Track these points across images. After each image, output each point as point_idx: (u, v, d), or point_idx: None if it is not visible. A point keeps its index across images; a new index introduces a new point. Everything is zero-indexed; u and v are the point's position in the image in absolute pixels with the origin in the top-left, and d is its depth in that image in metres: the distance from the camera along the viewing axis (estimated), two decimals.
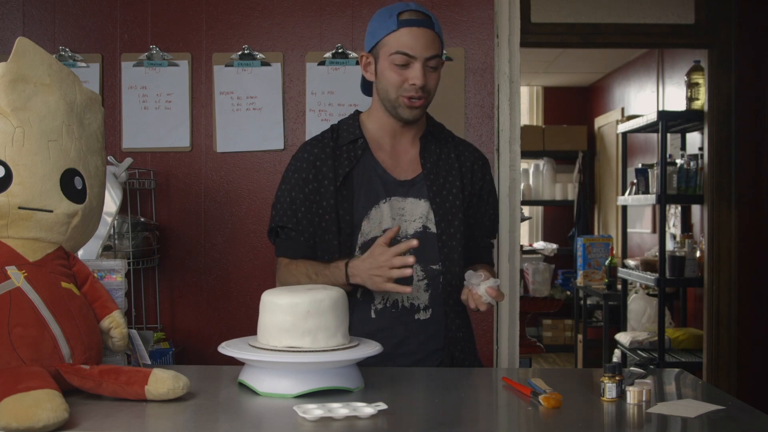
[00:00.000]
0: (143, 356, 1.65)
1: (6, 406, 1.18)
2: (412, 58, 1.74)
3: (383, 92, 1.81)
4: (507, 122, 2.88)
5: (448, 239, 1.83)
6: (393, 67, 1.76)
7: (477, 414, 1.40)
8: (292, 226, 1.85)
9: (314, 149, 1.86)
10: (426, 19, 1.76)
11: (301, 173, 1.85)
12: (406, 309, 1.81)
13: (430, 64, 1.76)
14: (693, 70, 4.35)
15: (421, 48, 1.74)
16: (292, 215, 1.85)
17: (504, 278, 2.86)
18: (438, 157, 1.88)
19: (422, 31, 1.74)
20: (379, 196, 1.82)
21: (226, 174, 2.89)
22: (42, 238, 1.50)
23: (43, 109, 1.49)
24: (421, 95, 1.77)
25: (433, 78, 1.79)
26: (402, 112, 1.80)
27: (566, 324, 6.86)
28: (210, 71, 2.87)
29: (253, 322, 1.53)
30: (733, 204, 4.00)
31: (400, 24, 1.74)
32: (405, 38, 1.74)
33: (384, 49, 1.77)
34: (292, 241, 1.86)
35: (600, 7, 3.92)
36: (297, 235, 1.85)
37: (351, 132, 1.87)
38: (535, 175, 7.03)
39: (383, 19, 1.78)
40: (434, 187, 1.84)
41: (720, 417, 1.32)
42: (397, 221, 1.81)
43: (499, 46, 2.88)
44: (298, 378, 1.41)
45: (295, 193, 1.85)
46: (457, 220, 1.84)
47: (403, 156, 1.88)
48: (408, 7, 1.78)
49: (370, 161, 1.85)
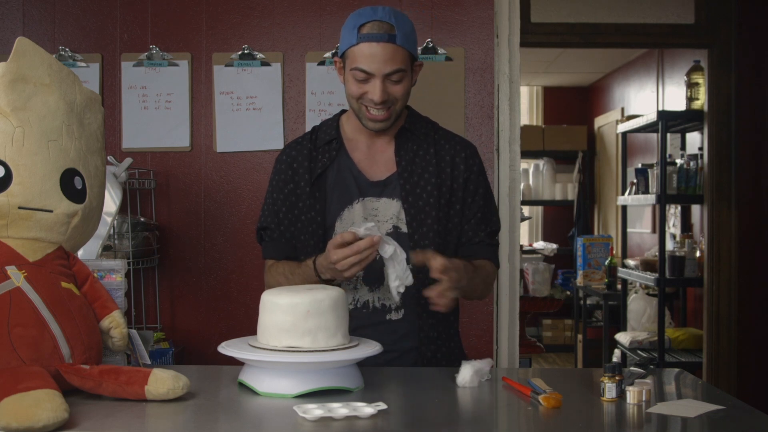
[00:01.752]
0: (143, 356, 1.65)
1: (6, 406, 1.18)
2: (370, 75, 1.72)
3: (348, 100, 1.82)
4: (507, 122, 2.88)
5: (420, 239, 1.79)
6: (354, 80, 1.75)
7: (477, 414, 1.40)
8: (274, 227, 1.88)
9: (292, 151, 1.89)
10: (386, 33, 1.70)
11: (280, 174, 1.88)
12: (377, 309, 1.81)
13: (392, 78, 1.73)
14: (693, 70, 4.35)
15: (378, 65, 1.71)
16: (274, 216, 1.88)
17: (504, 278, 2.86)
18: (414, 154, 1.85)
19: (381, 46, 1.70)
20: (353, 196, 1.82)
21: (226, 174, 2.89)
22: (42, 238, 1.50)
23: (43, 109, 1.49)
24: (382, 108, 1.75)
25: (396, 90, 1.75)
26: (366, 123, 1.79)
27: (566, 324, 6.86)
28: (210, 71, 2.87)
29: (253, 322, 1.53)
30: (733, 204, 4.00)
31: (359, 38, 1.71)
32: (363, 55, 1.70)
33: (348, 61, 1.76)
34: (274, 243, 1.89)
35: (600, 7, 3.92)
36: (279, 236, 1.88)
37: (328, 133, 1.88)
38: (535, 175, 7.03)
39: (348, 29, 1.75)
40: (407, 186, 1.82)
41: (720, 417, 1.32)
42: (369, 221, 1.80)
43: (499, 46, 2.88)
44: (298, 378, 1.41)
45: (276, 195, 1.88)
46: (430, 218, 1.81)
47: (380, 156, 1.86)
48: (373, 16, 1.72)
49: (345, 162, 1.85)
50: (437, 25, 2.86)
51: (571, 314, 6.39)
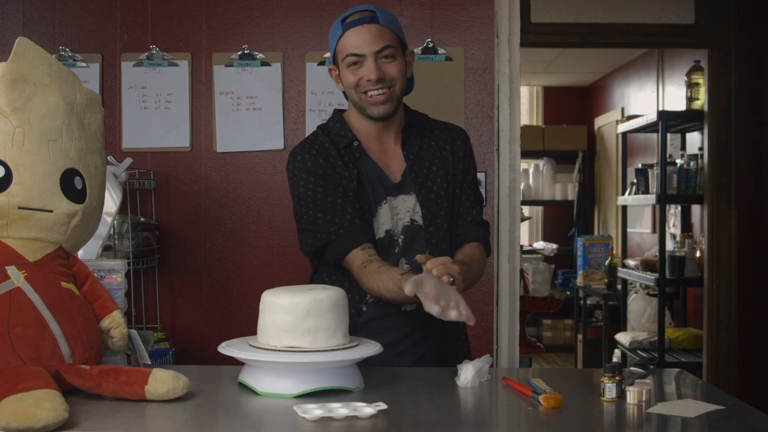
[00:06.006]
0: (143, 356, 1.65)
1: (6, 406, 1.18)
2: (361, 56, 1.76)
3: (350, 96, 1.84)
4: (507, 122, 2.88)
5: (435, 231, 1.83)
6: (348, 69, 1.79)
7: (477, 414, 1.40)
8: (340, 216, 1.75)
9: (312, 150, 1.83)
10: (368, 16, 1.77)
11: (317, 170, 1.78)
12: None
13: (383, 54, 1.77)
14: (693, 70, 4.35)
15: (367, 44, 1.76)
16: (332, 209, 1.75)
17: (504, 278, 2.86)
18: (420, 147, 1.89)
19: (366, 27, 1.76)
20: (379, 197, 1.83)
21: (226, 174, 2.89)
22: (42, 238, 1.50)
23: (43, 109, 1.49)
24: (381, 87, 1.77)
25: (392, 66, 1.78)
26: (369, 110, 1.81)
27: (566, 324, 6.86)
28: (210, 71, 2.87)
29: (253, 322, 1.53)
30: (733, 204, 4.00)
31: (344, 28, 1.78)
32: (351, 40, 1.77)
33: (340, 57, 1.81)
34: (350, 232, 1.74)
35: (600, 7, 3.91)
36: (349, 223, 1.74)
37: (344, 135, 1.86)
38: (535, 175, 7.03)
39: (334, 29, 1.82)
40: (419, 179, 1.85)
41: (720, 417, 1.32)
42: (394, 221, 1.83)
43: (499, 46, 2.88)
44: (298, 378, 1.41)
45: (322, 186, 1.77)
46: (443, 210, 1.85)
47: (391, 155, 1.88)
48: (355, 9, 1.80)
49: (367, 163, 1.85)
50: (437, 25, 2.86)
51: (571, 314, 6.39)
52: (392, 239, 1.82)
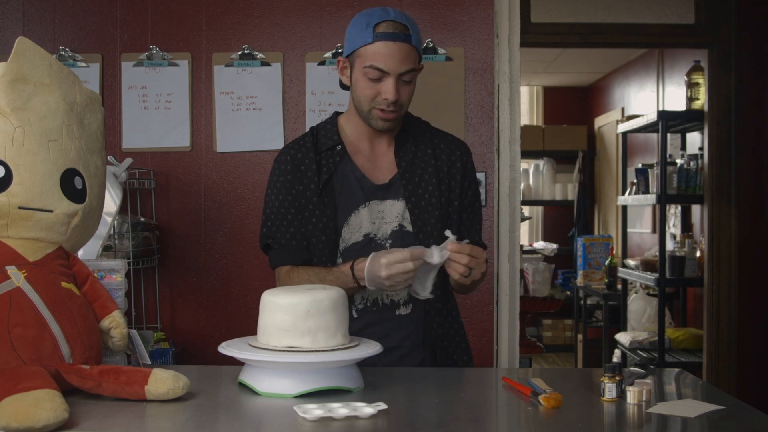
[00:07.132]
0: (143, 356, 1.65)
1: (6, 406, 1.18)
2: (385, 73, 1.73)
3: (357, 102, 1.81)
4: (507, 122, 2.88)
5: (425, 237, 1.82)
6: (366, 79, 1.75)
7: (477, 414, 1.40)
8: (283, 231, 1.85)
9: (298, 153, 1.86)
10: (402, 33, 1.72)
11: (285, 176, 1.85)
12: (386, 305, 1.83)
13: (404, 78, 1.75)
14: (693, 70, 4.35)
15: (395, 64, 1.72)
16: (281, 220, 1.85)
17: (504, 278, 2.86)
18: (414, 154, 1.88)
19: (398, 46, 1.72)
20: (358, 201, 1.82)
21: (226, 174, 2.89)
22: (42, 238, 1.50)
23: (43, 109, 1.49)
24: (393, 109, 1.77)
25: (406, 91, 1.77)
26: (375, 123, 1.80)
27: (566, 324, 6.86)
28: (210, 71, 2.88)
29: (253, 322, 1.53)
30: (733, 204, 4.00)
31: (375, 37, 1.72)
32: (379, 53, 1.72)
33: (359, 60, 1.76)
34: (287, 249, 1.85)
35: (600, 7, 3.91)
36: (290, 240, 1.84)
37: (330, 138, 1.87)
38: (535, 175, 7.03)
39: (361, 28, 1.75)
40: (410, 186, 1.84)
41: (720, 417, 1.32)
42: (376, 225, 1.82)
43: (499, 46, 2.88)
44: (298, 378, 1.41)
45: (283, 196, 1.84)
46: (434, 217, 1.83)
47: (381, 159, 1.88)
48: (386, 16, 1.74)
49: (348, 166, 1.85)
50: (437, 25, 2.86)
51: (571, 314, 6.39)
52: (374, 243, 1.81)
